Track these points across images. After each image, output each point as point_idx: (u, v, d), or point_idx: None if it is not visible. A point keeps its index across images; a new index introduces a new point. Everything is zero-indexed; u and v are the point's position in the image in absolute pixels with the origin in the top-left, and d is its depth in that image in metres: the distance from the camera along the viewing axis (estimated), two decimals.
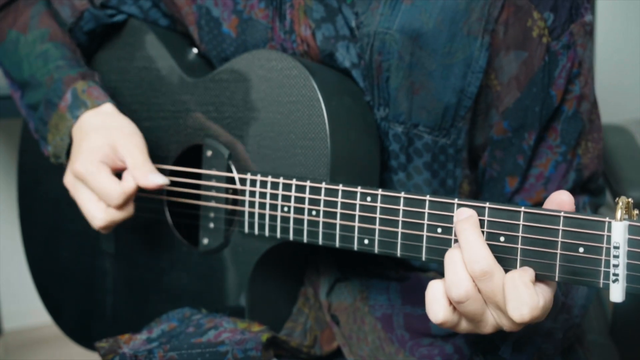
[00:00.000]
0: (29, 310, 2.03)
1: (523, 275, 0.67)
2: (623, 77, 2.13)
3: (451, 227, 0.73)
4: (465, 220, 0.71)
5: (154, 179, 0.92)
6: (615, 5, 2.04)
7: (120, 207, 0.93)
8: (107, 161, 0.93)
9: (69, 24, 1.07)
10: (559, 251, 0.67)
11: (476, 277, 0.68)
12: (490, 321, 0.71)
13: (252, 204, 0.91)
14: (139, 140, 0.95)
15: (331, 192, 0.83)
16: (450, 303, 0.70)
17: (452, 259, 0.70)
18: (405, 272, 1.00)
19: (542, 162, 0.90)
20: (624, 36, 2.15)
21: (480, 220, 0.71)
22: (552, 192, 0.90)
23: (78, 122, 0.96)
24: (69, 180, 0.96)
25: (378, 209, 0.79)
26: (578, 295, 0.87)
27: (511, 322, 0.70)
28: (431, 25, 0.85)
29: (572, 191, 0.93)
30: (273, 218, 0.89)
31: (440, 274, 0.95)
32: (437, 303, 0.70)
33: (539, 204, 0.91)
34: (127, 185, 0.92)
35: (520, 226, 0.69)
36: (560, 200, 0.69)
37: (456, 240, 0.72)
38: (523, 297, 0.66)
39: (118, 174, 0.95)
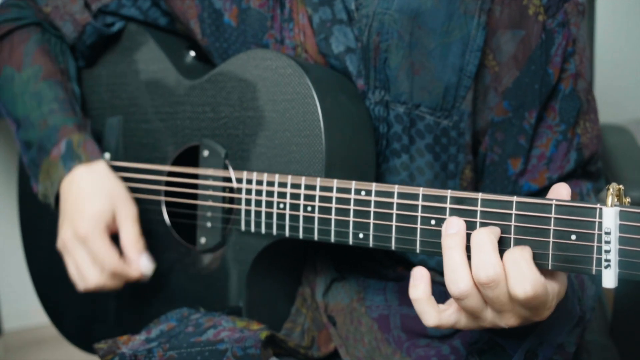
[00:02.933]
0: (29, 310, 2.02)
1: (523, 251, 0.66)
2: (623, 77, 2.13)
3: (444, 219, 0.73)
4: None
5: (142, 263, 0.98)
6: (615, 5, 2.04)
7: (114, 275, 0.97)
8: (108, 227, 0.98)
9: (72, 39, 1.08)
10: (551, 239, 0.67)
11: (481, 284, 0.67)
12: (489, 319, 0.70)
13: (248, 202, 0.91)
14: (133, 210, 1.00)
15: (326, 188, 0.83)
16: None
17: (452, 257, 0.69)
18: (404, 272, 0.99)
19: (543, 142, 0.91)
20: (624, 36, 2.15)
21: (473, 211, 0.71)
22: (554, 172, 0.90)
23: (70, 174, 0.99)
24: (68, 238, 0.98)
25: (372, 202, 0.79)
26: (588, 296, 0.87)
27: (511, 317, 0.69)
28: (429, 4, 0.86)
29: (574, 172, 0.93)
30: (269, 215, 0.89)
31: (439, 273, 0.94)
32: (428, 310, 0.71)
33: (543, 185, 0.92)
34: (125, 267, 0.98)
35: (513, 215, 0.69)
36: (558, 194, 0.69)
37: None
38: (525, 273, 0.65)
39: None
